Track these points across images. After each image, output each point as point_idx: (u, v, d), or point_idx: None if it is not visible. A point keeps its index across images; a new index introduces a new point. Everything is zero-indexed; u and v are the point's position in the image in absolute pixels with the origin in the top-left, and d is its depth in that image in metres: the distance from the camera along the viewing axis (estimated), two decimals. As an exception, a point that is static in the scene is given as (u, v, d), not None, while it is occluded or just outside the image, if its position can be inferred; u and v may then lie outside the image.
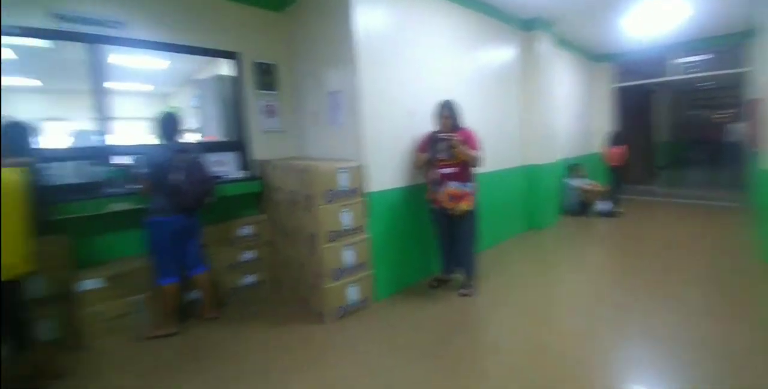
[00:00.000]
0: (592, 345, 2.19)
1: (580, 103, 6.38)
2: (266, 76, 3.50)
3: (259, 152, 3.45)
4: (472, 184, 2.82)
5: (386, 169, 2.97)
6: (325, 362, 2.17)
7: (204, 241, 2.72)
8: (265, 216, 3.30)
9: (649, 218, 5.24)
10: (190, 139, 3.39)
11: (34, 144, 2.18)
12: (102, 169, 2.69)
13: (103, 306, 2.44)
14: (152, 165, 2.38)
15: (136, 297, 2.56)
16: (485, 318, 2.66)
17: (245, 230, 3.16)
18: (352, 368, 2.09)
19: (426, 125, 3.05)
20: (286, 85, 3.62)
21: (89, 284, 2.40)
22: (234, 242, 3.10)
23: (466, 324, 2.55)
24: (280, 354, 2.24)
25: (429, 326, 2.50)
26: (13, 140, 2.02)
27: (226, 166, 3.28)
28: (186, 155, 2.47)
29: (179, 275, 2.51)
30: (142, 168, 2.40)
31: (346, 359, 2.18)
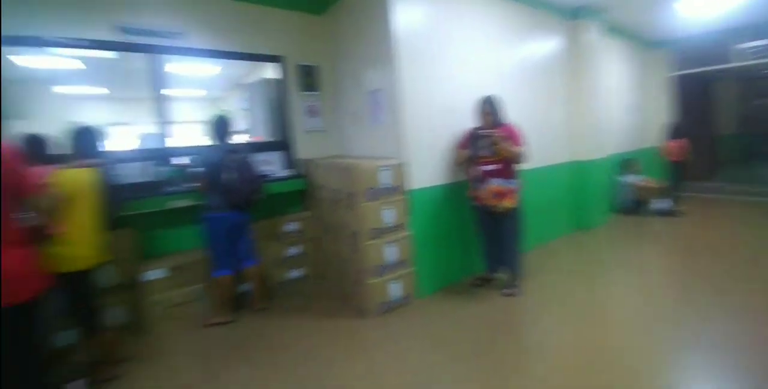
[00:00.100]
0: (645, 351, 2.06)
1: (634, 94, 5.97)
2: (309, 77, 3.61)
3: (302, 151, 3.57)
4: (515, 181, 2.75)
5: (427, 166, 2.97)
6: (368, 355, 2.21)
7: (254, 236, 2.86)
8: (309, 213, 3.42)
9: (712, 218, 4.82)
10: (239, 140, 3.57)
11: (103, 147, 2.38)
12: (163, 169, 2.93)
13: (166, 294, 2.66)
14: (207, 165, 2.54)
15: (195, 287, 2.76)
16: (530, 318, 2.58)
17: (291, 227, 3.29)
18: (393, 362, 2.12)
19: (466, 121, 3.01)
20: (327, 85, 3.71)
21: (153, 274, 2.62)
22: (280, 238, 3.23)
23: (510, 325, 2.49)
24: (325, 345, 2.32)
25: (472, 325, 2.48)
26: (85, 144, 2.18)
27: (272, 165, 3.43)
28: (236, 155, 2.61)
29: (233, 268, 2.66)
30: (198, 168, 2.57)
31: (388, 353, 2.21)
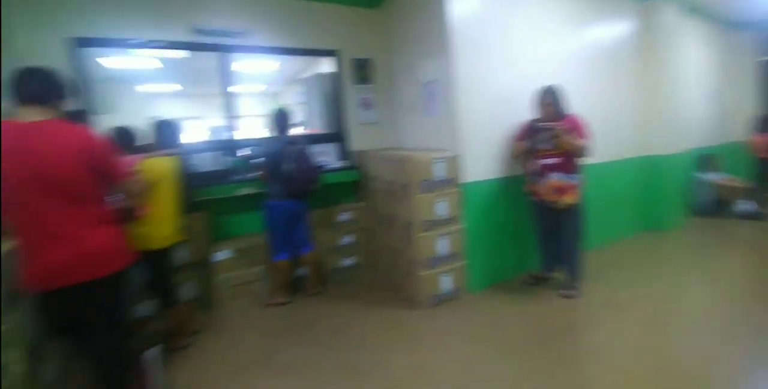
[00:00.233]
0: (714, 362, 1.88)
1: (716, 82, 5.32)
2: (362, 70, 3.66)
3: (356, 143, 3.65)
4: (578, 176, 2.60)
5: (482, 159, 2.89)
6: (417, 344, 2.24)
7: (310, 224, 2.99)
8: (363, 204, 3.50)
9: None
10: (297, 132, 3.73)
11: (180, 139, 2.62)
12: (230, 159, 3.16)
13: (232, 273, 2.90)
14: (268, 156, 2.69)
15: (258, 268, 2.98)
16: (589, 322, 2.45)
17: (345, 216, 3.39)
18: (443, 355, 2.12)
19: (524, 112, 2.87)
20: (381, 78, 3.74)
21: (222, 254, 2.86)
22: (335, 227, 3.35)
23: (567, 327, 2.37)
24: (376, 333, 2.39)
25: (525, 323, 2.40)
26: (164, 135, 2.42)
27: (327, 156, 3.55)
28: (295, 146, 2.74)
29: (290, 253, 2.82)
30: (260, 158, 2.74)
31: (437, 345, 2.23)
